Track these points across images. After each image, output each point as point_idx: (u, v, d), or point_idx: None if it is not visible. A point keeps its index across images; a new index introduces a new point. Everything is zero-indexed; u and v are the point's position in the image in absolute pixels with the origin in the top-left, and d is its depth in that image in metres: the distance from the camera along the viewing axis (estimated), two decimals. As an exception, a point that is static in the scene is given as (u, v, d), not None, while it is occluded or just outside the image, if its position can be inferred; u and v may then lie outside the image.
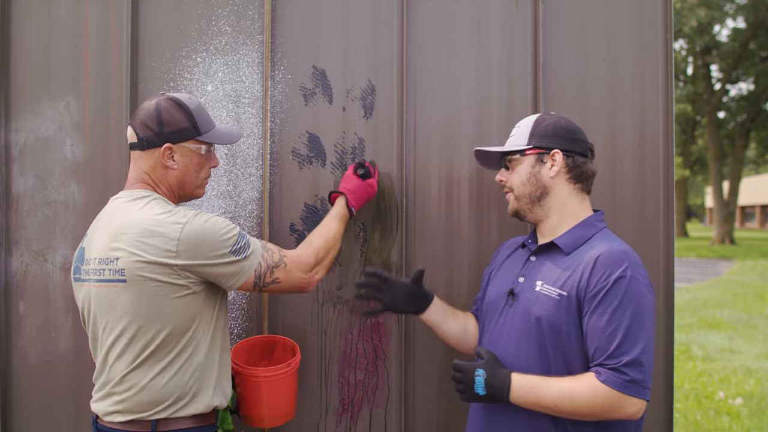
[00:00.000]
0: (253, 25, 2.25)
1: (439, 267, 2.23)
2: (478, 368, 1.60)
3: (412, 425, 2.23)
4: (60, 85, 2.26)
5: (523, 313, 1.66)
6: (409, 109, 2.24)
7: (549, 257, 1.69)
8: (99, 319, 1.64)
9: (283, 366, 1.89)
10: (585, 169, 1.71)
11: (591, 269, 1.57)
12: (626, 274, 1.54)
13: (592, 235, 1.68)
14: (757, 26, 22.99)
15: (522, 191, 1.73)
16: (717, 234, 26.25)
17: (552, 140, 1.70)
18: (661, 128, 2.22)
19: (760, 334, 7.78)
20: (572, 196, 1.72)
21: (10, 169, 2.27)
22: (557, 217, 1.71)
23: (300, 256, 1.78)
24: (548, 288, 1.62)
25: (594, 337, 1.54)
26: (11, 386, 2.25)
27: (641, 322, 1.52)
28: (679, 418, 4.73)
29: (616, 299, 1.52)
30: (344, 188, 2.01)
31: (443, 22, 2.25)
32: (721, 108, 26.82)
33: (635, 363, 1.49)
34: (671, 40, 2.24)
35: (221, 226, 1.64)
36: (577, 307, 1.58)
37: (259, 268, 1.69)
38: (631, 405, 1.50)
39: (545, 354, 1.60)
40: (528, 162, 1.72)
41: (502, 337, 1.69)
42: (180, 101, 1.69)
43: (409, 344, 2.23)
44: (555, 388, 1.54)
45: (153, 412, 1.61)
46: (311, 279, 1.79)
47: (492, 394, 1.57)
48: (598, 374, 1.50)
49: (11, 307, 2.25)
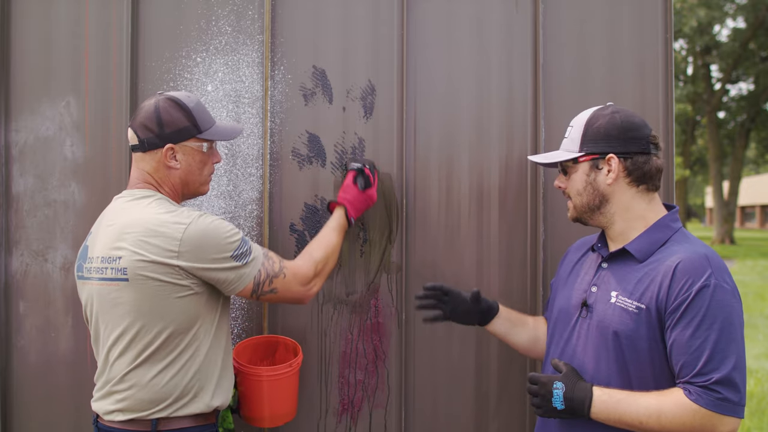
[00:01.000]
0: (253, 25, 2.25)
1: (439, 267, 2.23)
2: (557, 381, 1.50)
3: (412, 425, 2.23)
4: (60, 85, 2.26)
5: (599, 326, 1.55)
6: (409, 109, 2.24)
7: (622, 265, 1.57)
8: (101, 318, 1.65)
9: (284, 366, 1.90)
10: (647, 169, 1.55)
11: (671, 279, 1.44)
12: (710, 282, 1.41)
13: (668, 239, 1.54)
14: (757, 26, 22.98)
15: (579, 201, 1.61)
16: (717, 234, 26.25)
17: (606, 144, 1.55)
18: (661, 128, 2.23)
19: (760, 334, 7.78)
20: (636, 199, 1.57)
21: (10, 169, 2.27)
22: (622, 222, 1.58)
23: (300, 268, 1.77)
24: (624, 300, 1.51)
25: (679, 352, 1.42)
26: (11, 386, 2.25)
27: (731, 335, 1.40)
28: (679, 418, 4.73)
29: (700, 311, 1.40)
30: (343, 198, 2.00)
31: (443, 21, 2.26)
32: (721, 108, 26.81)
33: (726, 380, 1.37)
34: (671, 40, 2.24)
35: (225, 230, 1.63)
36: (657, 320, 1.46)
37: (258, 276, 1.68)
38: (725, 424, 1.38)
39: (625, 370, 1.50)
40: (582, 170, 1.59)
41: (578, 351, 1.59)
42: (179, 100, 1.68)
43: (409, 344, 2.23)
44: (640, 404, 1.43)
45: (153, 411, 1.61)
46: (308, 292, 1.79)
47: (571, 408, 1.47)
48: (687, 392, 1.40)
49: (11, 307, 2.25)
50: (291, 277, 1.74)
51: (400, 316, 2.21)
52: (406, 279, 2.22)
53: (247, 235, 2.21)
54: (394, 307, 2.22)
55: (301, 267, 1.78)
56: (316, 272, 1.80)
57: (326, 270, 1.86)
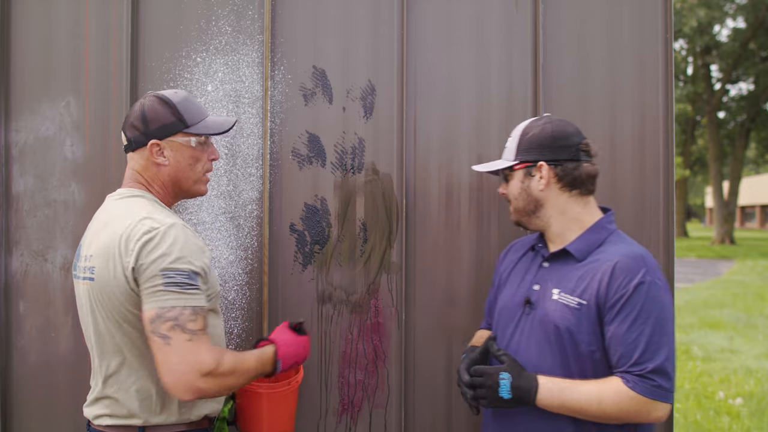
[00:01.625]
0: (253, 25, 2.25)
1: (439, 267, 2.23)
2: (503, 371, 1.56)
3: (412, 425, 2.23)
4: (60, 85, 2.26)
5: (541, 322, 1.63)
6: (409, 109, 2.24)
7: (563, 264, 1.66)
8: (89, 318, 1.61)
9: (283, 384, 1.82)
10: (578, 174, 1.65)
11: (610, 276, 1.55)
12: (645, 279, 1.53)
13: (605, 240, 1.65)
14: (757, 26, 22.99)
15: (517, 205, 1.72)
16: (717, 234, 26.26)
17: (537, 152, 1.66)
18: (661, 128, 2.23)
19: (760, 334, 7.78)
20: (570, 203, 1.67)
21: (10, 169, 2.27)
22: (559, 225, 1.69)
23: (207, 354, 1.46)
24: (566, 297, 1.60)
25: (617, 344, 1.52)
26: (11, 386, 2.25)
27: (663, 329, 1.52)
28: (679, 418, 4.73)
29: (636, 306, 1.51)
30: (276, 338, 1.74)
31: (443, 22, 2.26)
32: (721, 108, 26.83)
33: (660, 370, 1.49)
34: (671, 40, 2.24)
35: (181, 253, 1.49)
36: (597, 315, 1.56)
37: (169, 312, 1.45)
38: (659, 409, 1.50)
39: (567, 362, 1.58)
40: (518, 177, 1.70)
41: (522, 345, 1.66)
42: (163, 97, 1.65)
43: (409, 344, 2.23)
44: (582, 391, 1.52)
45: (137, 416, 1.57)
46: (191, 382, 1.44)
47: (518, 397, 1.54)
48: (625, 380, 1.50)
49: (11, 307, 2.25)
50: (190, 349, 1.45)
51: (400, 317, 2.21)
52: (406, 279, 2.22)
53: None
54: (394, 308, 2.22)
55: (203, 350, 1.46)
56: (214, 371, 1.47)
57: (226, 382, 1.51)
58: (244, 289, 2.22)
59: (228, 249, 2.22)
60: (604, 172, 2.23)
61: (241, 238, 2.22)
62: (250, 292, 2.22)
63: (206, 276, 1.56)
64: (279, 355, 1.68)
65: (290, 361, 1.72)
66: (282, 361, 1.69)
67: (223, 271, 2.21)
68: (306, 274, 2.22)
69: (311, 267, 2.22)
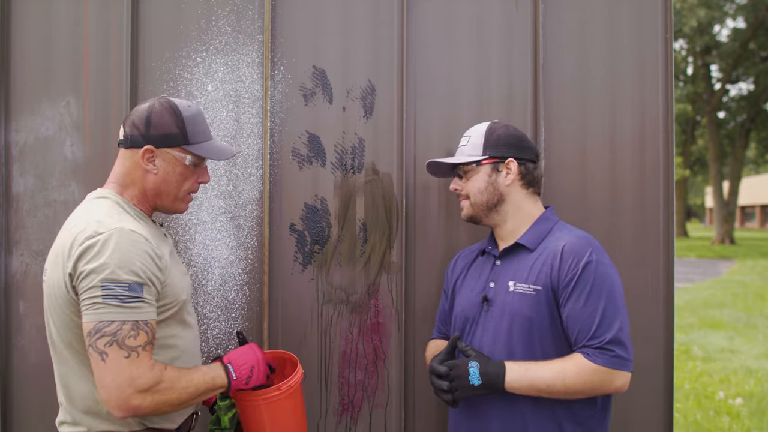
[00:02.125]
0: (253, 25, 2.25)
1: (439, 266, 2.23)
2: (471, 361, 1.64)
3: (412, 425, 2.23)
4: (60, 85, 2.26)
5: (501, 315, 1.71)
6: (409, 108, 2.24)
7: (515, 258, 1.76)
8: (47, 322, 1.58)
9: (272, 389, 1.68)
10: (536, 174, 1.81)
11: (560, 259, 1.66)
12: (592, 258, 1.63)
13: (551, 228, 1.77)
14: (757, 26, 22.98)
15: (480, 199, 1.79)
16: (717, 234, 26.25)
17: (506, 149, 1.78)
18: (661, 128, 2.23)
19: (760, 334, 7.78)
20: (526, 200, 1.80)
21: (10, 169, 2.27)
22: (514, 220, 1.79)
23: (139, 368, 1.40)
24: (522, 286, 1.69)
25: (574, 322, 1.62)
26: (11, 386, 2.25)
27: (615, 302, 1.61)
28: (679, 418, 4.73)
29: (588, 284, 1.61)
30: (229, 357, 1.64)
31: (443, 21, 2.26)
32: (721, 108, 26.82)
33: (615, 340, 1.58)
34: (671, 40, 2.24)
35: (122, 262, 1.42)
36: (553, 297, 1.66)
37: (107, 326, 1.39)
38: (619, 378, 1.59)
39: (530, 347, 1.67)
40: (484, 171, 1.79)
41: (485, 341, 1.73)
42: (175, 106, 1.59)
43: (409, 344, 2.23)
44: (546, 369, 1.60)
45: (83, 424, 1.53)
46: (126, 400, 1.40)
47: (488, 382, 1.61)
48: (586, 354, 1.59)
49: (11, 307, 2.25)
50: (126, 366, 1.39)
51: (400, 317, 2.21)
52: (406, 279, 2.22)
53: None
54: (394, 308, 2.22)
55: (140, 368, 1.41)
56: (152, 388, 1.42)
57: (167, 399, 1.45)
58: (244, 289, 2.22)
59: (228, 249, 2.22)
60: (604, 172, 2.23)
61: (241, 238, 2.22)
62: (250, 292, 2.22)
63: (155, 286, 1.48)
64: (225, 359, 1.60)
65: (243, 368, 1.61)
66: (232, 364, 1.60)
67: (223, 271, 2.22)
68: (306, 274, 2.22)
69: (311, 267, 2.22)
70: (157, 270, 1.49)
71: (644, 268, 2.20)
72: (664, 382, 2.19)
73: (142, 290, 1.43)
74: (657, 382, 2.19)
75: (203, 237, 2.21)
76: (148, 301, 1.45)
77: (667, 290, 2.20)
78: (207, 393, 1.55)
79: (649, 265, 2.20)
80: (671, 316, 2.20)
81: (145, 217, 1.64)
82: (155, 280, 1.48)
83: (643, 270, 2.20)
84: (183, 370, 1.51)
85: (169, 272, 1.55)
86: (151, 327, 1.45)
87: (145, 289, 1.44)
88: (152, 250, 1.49)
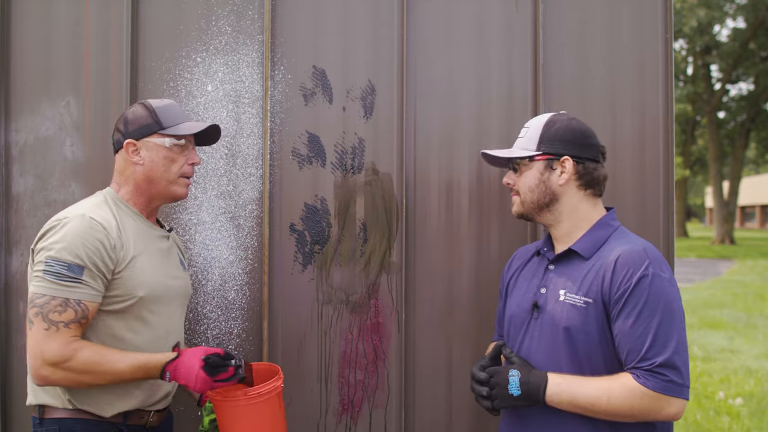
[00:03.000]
0: (253, 25, 2.25)
1: (439, 267, 2.23)
2: (512, 369, 1.56)
3: (412, 425, 2.23)
4: (60, 85, 2.26)
5: (550, 325, 1.60)
6: (409, 108, 2.24)
7: (568, 264, 1.64)
8: None
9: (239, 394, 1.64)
10: (596, 175, 1.66)
11: (612, 272, 1.53)
12: (648, 272, 1.50)
13: (609, 236, 1.63)
14: (757, 26, 22.99)
15: (530, 197, 1.67)
16: (717, 234, 26.26)
17: (562, 146, 1.63)
18: (661, 128, 2.23)
19: (760, 334, 7.78)
20: (583, 202, 1.66)
21: (10, 169, 2.27)
22: (569, 222, 1.66)
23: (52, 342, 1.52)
24: (572, 297, 1.57)
25: (625, 340, 1.49)
26: (11, 386, 2.25)
27: (671, 321, 1.48)
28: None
29: (641, 300, 1.48)
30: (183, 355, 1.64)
31: (443, 21, 2.26)
32: (721, 108, 26.82)
33: (669, 363, 1.45)
34: (671, 40, 2.24)
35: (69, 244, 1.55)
36: (604, 312, 1.53)
37: (39, 298, 1.53)
38: (672, 405, 1.46)
39: (578, 362, 1.55)
40: (537, 168, 1.65)
41: (532, 350, 1.63)
42: (147, 102, 1.77)
43: (409, 344, 2.23)
44: (591, 386, 1.49)
45: (34, 395, 1.66)
46: (37, 369, 1.53)
47: (527, 393, 1.52)
48: (636, 376, 1.46)
49: (11, 307, 2.25)
50: (42, 337, 1.52)
51: (400, 317, 2.21)
52: (406, 279, 2.22)
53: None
54: (394, 308, 2.22)
55: (55, 342, 1.52)
56: (61, 364, 1.52)
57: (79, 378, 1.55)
58: (244, 289, 2.22)
59: (228, 249, 2.22)
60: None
61: (241, 238, 2.22)
62: (250, 292, 2.22)
63: (101, 272, 1.58)
64: (169, 369, 1.60)
65: (179, 380, 1.61)
66: (170, 373, 1.60)
67: (223, 271, 2.22)
68: (306, 274, 2.22)
69: (311, 267, 2.22)
70: (107, 259, 1.59)
71: (667, 262, 2.19)
72: (664, 382, 2.19)
73: (81, 272, 1.55)
74: (657, 382, 2.19)
75: (203, 237, 2.21)
76: (87, 284, 1.56)
77: (667, 290, 2.20)
78: (133, 380, 1.62)
79: (649, 265, 2.20)
80: (671, 316, 2.20)
81: (136, 214, 1.75)
82: (102, 266, 1.58)
83: (643, 270, 2.20)
84: (105, 356, 1.56)
85: (130, 266, 1.64)
86: (84, 307, 1.56)
87: (86, 272, 1.56)
88: (108, 240, 1.61)
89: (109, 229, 1.62)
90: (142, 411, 1.71)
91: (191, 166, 1.80)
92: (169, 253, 1.83)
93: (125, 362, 1.58)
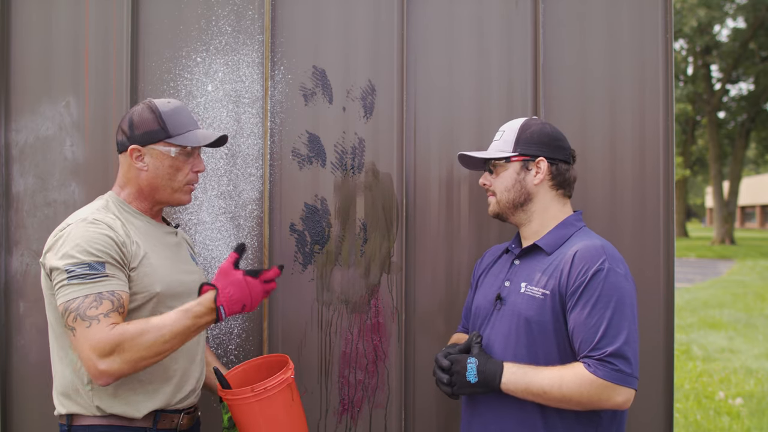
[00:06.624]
0: (253, 25, 2.25)
1: (439, 266, 2.23)
2: (471, 357, 1.64)
3: (412, 425, 2.23)
4: (60, 85, 2.26)
5: (510, 315, 1.69)
6: (409, 108, 2.24)
7: (532, 259, 1.73)
8: None
9: (245, 389, 1.63)
10: (568, 176, 1.76)
11: (570, 265, 1.61)
12: (603, 267, 1.58)
13: (572, 234, 1.72)
14: (757, 26, 22.99)
15: (506, 197, 1.76)
16: (717, 234, 26.25)
17: (537, 148, 1.74)
18: (661, 128, 2.23)
19: (760, 334, 7.77)
20: (554, 201, 1.76)
21: (10, 169, 2.27)
22: (538, 221, 1.76)
23: (97, 333, 1.46)
24: (532, 288, 1.67)
25: (578, 330, 1.58)
26: (11, 386, 2.25)
27: (622, 314, 1.56)
28: (679, 418, 4.73)
29: (595, 292, 1.56)
30: (217, 281, 1.60)
31: (443, 21, 2.26)
32: (721, 108, 26.82)
33: (618, 353, 1.52)
34: (671, 40, 2.24)
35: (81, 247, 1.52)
36: (560, 303, 1.62)
37: (72, 304, 1.49)
38: (620, 394, 1.53)
39: (534, 352, 1.64)
40: (513, 169, 1.75)
41: (491, 338, 1.72)
42: (153, 105, 1.70)
43: (409, 344, 2.23)
44: (545, 375, 1.57)
45: (62, 405, 1.64)
46: (95, 368, 1.46)
47: (484, 380, 1.60)
48: (587, 365, 1.54)
49: (11, 307, 2.25)
50: (87, 335, 1.46)
51: (400, 317, 2.21)
52: (406, 279, 2.22)
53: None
54: (394, 307, 2.22)
55: (99, 333, 1.46)
56: (115, 349, 1.46)
57: (140, 357, 1.48)
58: (244, 289, 2.21)
59: (228, 249, 2.22)
60: (605, 171, 2.23)
61: (241, 238, 2.22)
62: (250, 292, 2.21)
63: (120, 264, 1.56)
64: (220, 300, 1.55)
65: (235, 308, 1.57)
66: (224, 306, 1.55)
67: (223, 271, 2.21)
68: (306, 274, 2.22)
69: (311, 267, 2.22)
70: (120, 254, 1.57)
71: (644, 268, 2.20)
72: (664, 382, 2.19)
73: (104, 267, 1.53)
74: (657, 382, 2.19)
75: (203, 237, 2.21)
76: (113, 275, 1.54)
77: (667, 290, 2.20)
78: (192, 334, 1.55)
79: (649, 265, 2.20)
80: (671, 316, 2.20)
81: (140, 214, 1.73)
82: (119, 259, 1.56)
83: (643, 270, 2.20)
84: (151, 321, 1.51)
85: (143, 264, 1.62)
86: (118, 296, 1.52)
87: (107, 266, 1.53)
88: (116, 236, 1.59)
89: (114, 228, 1.60)
90: (171, 414, 1.68)
91: (196, 173, 1.76)
92: (179, 248, 1.82)
93: (170, 316, 1.52)
